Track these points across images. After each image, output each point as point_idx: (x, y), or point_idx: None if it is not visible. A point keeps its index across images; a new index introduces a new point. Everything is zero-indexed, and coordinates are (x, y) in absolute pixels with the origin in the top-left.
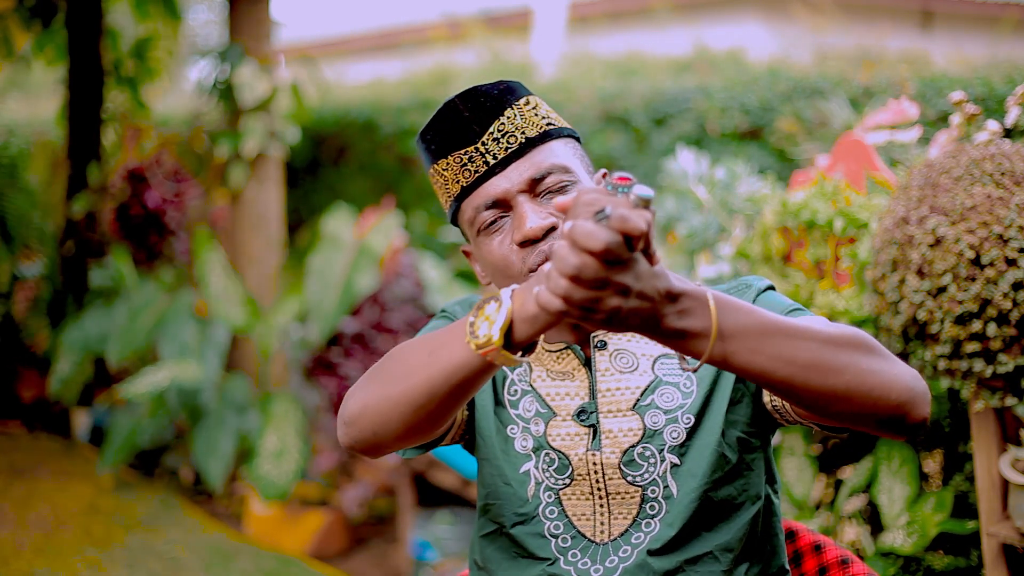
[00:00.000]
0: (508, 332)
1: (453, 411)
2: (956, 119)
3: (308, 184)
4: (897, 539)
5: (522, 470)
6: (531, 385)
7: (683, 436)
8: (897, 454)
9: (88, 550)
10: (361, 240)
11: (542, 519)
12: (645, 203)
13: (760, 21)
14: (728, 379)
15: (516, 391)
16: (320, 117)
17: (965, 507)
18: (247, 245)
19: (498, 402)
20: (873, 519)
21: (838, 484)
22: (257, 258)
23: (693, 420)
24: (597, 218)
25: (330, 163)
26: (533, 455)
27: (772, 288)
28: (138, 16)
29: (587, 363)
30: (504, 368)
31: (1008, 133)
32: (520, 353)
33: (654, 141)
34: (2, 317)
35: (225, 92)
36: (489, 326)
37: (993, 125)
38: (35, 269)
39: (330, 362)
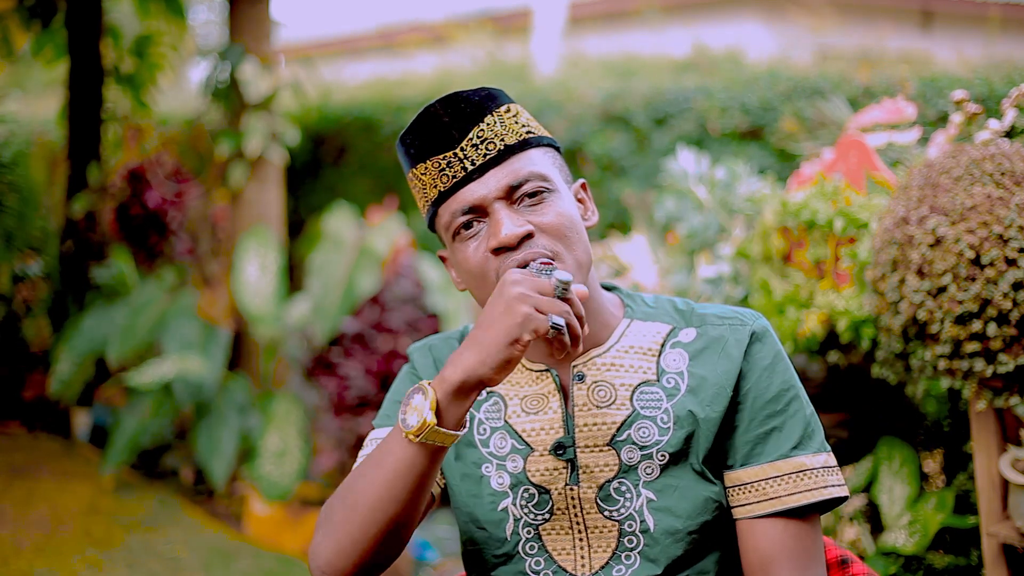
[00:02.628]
0: (439, 412)
1: (421, 503)
2: (957, 118)
3: (308, 184)
4: (899, 539)
5: (500, 507)
6: (505, 421)
7: (657, 472)
8: (897, 454)
9: (88, 550)
10: (363, 240)
11: (522, 556)
12: (565, 285)
13: (759, 21)
14: (707, 432)
15: (485, 429)
16: (320, 117)
17: (966, 507)
18: None
19: (466, 443)
20: (873, 519)
21: None
22: None
23: (668, 457)
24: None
25: (330, 163)
26: (511, 492)
27: (768, 330)
28: (140, 14)
29: (562, 390)
30: (471, 410)
31: (1006, 136)
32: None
33: (654, 141)
34: (2, 317)
35: (226, 92)
36: (419, 414)
37: (995, 124)
38: (35, 269)
39: (330, 362)
